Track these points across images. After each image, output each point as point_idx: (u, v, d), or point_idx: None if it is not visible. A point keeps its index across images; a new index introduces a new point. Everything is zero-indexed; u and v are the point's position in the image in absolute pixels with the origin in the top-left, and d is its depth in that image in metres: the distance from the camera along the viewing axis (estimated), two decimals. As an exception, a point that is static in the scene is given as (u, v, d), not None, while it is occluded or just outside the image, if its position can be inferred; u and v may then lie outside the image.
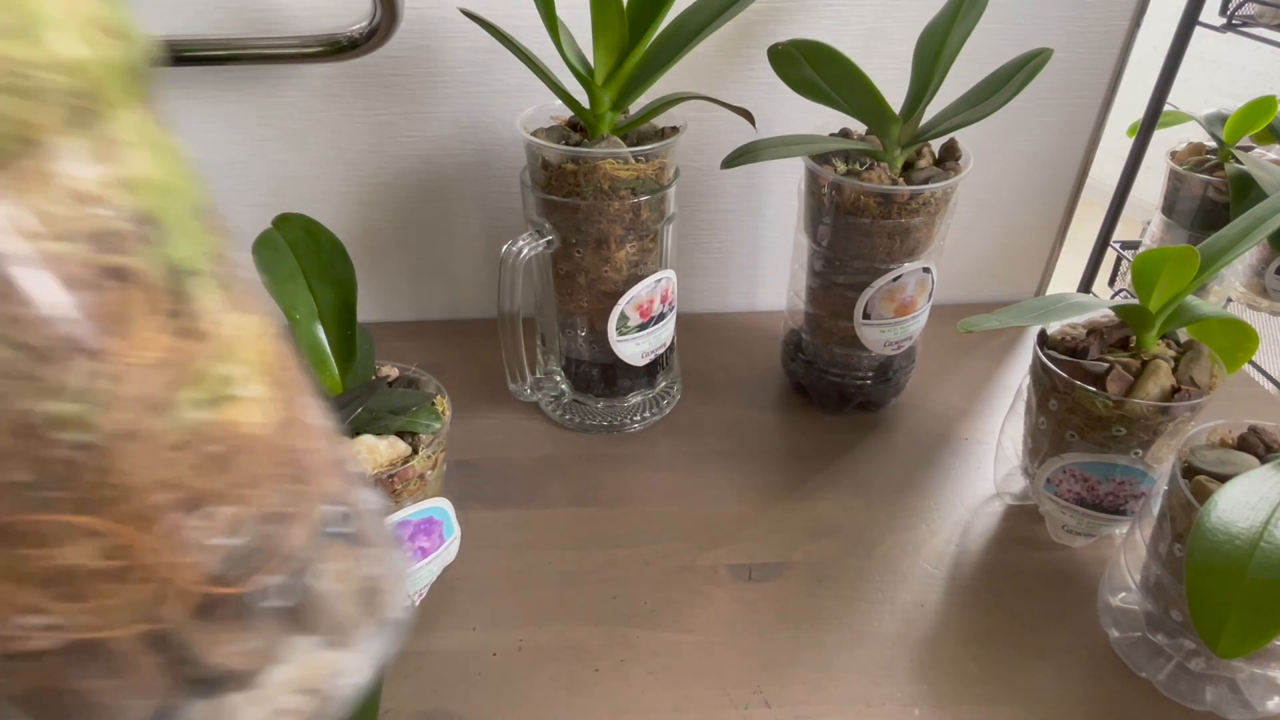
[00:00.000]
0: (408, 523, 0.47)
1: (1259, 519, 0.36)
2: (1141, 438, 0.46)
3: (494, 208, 0.71)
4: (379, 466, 0.44)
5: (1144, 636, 0.45)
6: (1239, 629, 0.34)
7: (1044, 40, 0.53)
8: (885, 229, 0.54)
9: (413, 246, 0.72)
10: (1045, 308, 0.48)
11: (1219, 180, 0.73)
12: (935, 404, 0.66)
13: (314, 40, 0.58)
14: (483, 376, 0.68)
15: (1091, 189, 0.74)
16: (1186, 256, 0.42)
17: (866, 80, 0.52)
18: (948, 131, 0.54)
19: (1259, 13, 0.72)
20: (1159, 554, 0.43)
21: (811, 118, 0.59)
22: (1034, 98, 0.67)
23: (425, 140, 0.67)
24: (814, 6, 0.63)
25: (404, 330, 0.75)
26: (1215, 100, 0.80)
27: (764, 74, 0.56)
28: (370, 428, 0.45)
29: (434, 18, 0.61)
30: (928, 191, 0.53)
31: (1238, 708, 0.42)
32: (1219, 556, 0.35)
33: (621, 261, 0.56)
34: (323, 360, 0.44)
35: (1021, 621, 0.48)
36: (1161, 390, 0.46)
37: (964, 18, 0.51)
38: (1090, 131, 0.71)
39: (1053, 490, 0.51)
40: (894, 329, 0.59)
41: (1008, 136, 0.70)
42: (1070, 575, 0.51)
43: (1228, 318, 0.46)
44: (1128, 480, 0.48)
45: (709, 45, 0.54)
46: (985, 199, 0.73)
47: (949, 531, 0.54)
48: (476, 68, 0.63)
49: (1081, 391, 0.46)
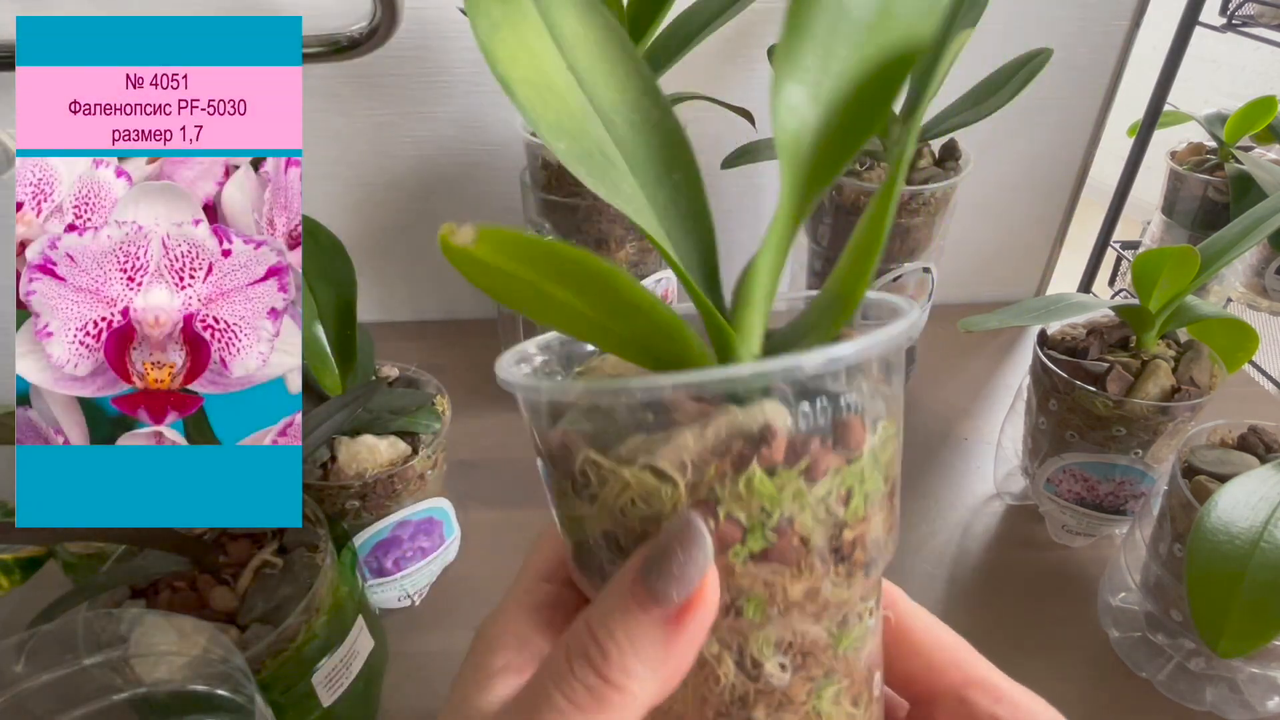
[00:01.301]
0: (408, 523, 0.47)
1: (1259, 519, 0.36)
2: (1141, 438, 0.46)
3: (494, 208, 0.71)
4: (379, 466, 0.44)
5: (1144, 636, 0.45)
6: (1239, 629, 0.34)
7: (1044, 40, 0.53)
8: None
9: (413, 246, 0.72)
10: (1045, 308, 0.48)
11: (1219, 180, 0.73)
12: (935, 404, 0.66)
13: (314, 40, 0.58)
14: (483, 376, 0.68)
15: (1091, 189, 0.74)
16: (1186, 256, 0.42)
17: (866, 80, 0.52)
18: (948, 131, 0.54)
19: (1259, 13, 0.72)
20: (1159, 554, 0.43)
21: (811, 118, 0.59)
22: (1034, 98, 0.67)
23: (425, 140, 0.67)
24: (814, 6, 0.63)
25: (404, 330, 0.75)
26: (1215, 100, 0.80)
27: (764, 74, 0.55)
28: (370, 428, 0.45)
29: (434, 18, 0.61)
30: (928, 192, 0.53)
31: (1238, 708, 0.42)
32: (1219, 556, 0.35)
33: (621, 261, 0.56)
34: (323, 360, 0.44)
35: (1021, 621, 0.48)
36: (1161, 390, 0.46)
37: (964, 18, 0.51)
38: (1090, 131, 0.71)
39: (1053, 490, 0.51)
40: (894, 329, 0.59)
41: (1008, 136, 0.70)
42: (1070, 575, 0.51)
43: (1228, 318, 0.46)
44: (1128, 480, 0.48)
45: (709, 45, 0.54)
46: (985, 199, 0.73)
47: (949, 531, 0.54)
48: (476, 68, 0.63)
49: (1081, 391, 0.46)
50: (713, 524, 0.17)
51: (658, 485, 0.17)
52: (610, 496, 0.18)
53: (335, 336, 0.44)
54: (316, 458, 0.44)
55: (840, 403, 0.17)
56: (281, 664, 0.34)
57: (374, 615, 0.43)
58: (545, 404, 0.19)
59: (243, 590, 0.36)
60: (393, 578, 0.48)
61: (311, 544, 0.38)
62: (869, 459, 0.18)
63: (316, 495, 0.43)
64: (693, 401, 0.17)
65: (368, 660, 0.40)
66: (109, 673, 0.31)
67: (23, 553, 0.35)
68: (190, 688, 0.31)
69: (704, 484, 0.17)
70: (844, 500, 0.18)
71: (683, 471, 0.17)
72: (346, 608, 0.38)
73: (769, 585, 0.17)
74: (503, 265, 0.16)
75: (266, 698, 0.30)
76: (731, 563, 0.17)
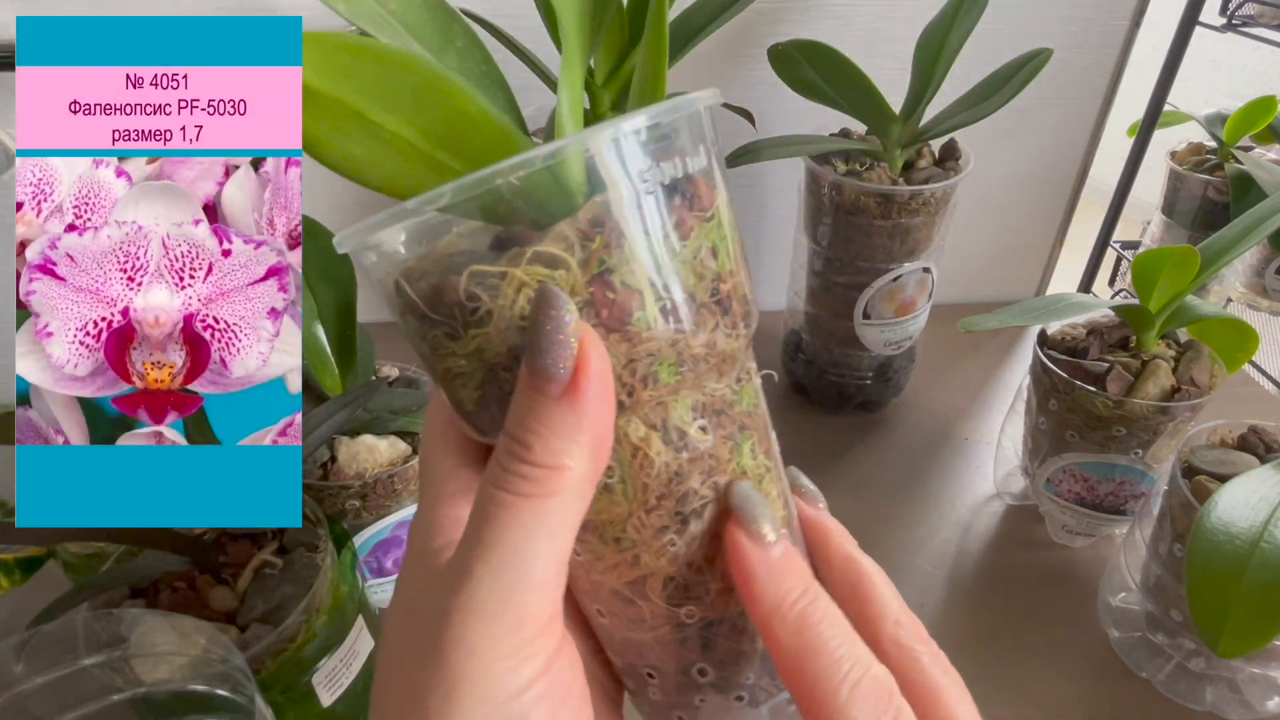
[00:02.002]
0: (407, 523, 0.47)
1: (1259, 519, 0.36)
2: (1141, 438, 0.46)
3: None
4: (379, 466, 0.44)
5: (1144, 636, 0.45)
6: (1239, 629, 0.34)
7: (1044, 40, 0.53)
8: (885, 229, 0.54)
9: (413, 246, 0.72)
10: (1045, 308, 0.48)
11: (1219, 180, 0.73)
12: (935, 404, 0.66)
13: (314, 40, 0.58)
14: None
15: (1091, 189, 0.74)
16: (1186, 256, 0.42)
17: (866, 80, 0.52)
18: (948, 131, 0.54)
19: (1259, 13, 0.72)
20: (1159, 554, 0.43)
21: (811, 118, 0.59)
22: (1034, 98, 0.67)
23: (425, 140, 0.67)
24: (814, 6, 0.63)
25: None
26: (1215, 100, 0.80)
27: (764, 74, 0.55)
28: (370, 428, 0.45)
29: (434, 18, 0.60)
30: (928, 191, 0.53)
31: (1238, 708, 0.42)
32: (1219, 556, 0.35)
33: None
34: (323, 360, 0.44)
35: (1021, 621, 0.48)
36: (1161, 390, 0.46)
37: (964, 18, 0.51)
38: (1090, 131, 0.71)
39: (1053, 490, 0.51)
40: (894, 329, 0.59)
41: (1008, 136, 0.70)
42: (1070, 575, 0.51)
43: (1228, 318, 0.46)
44: (1128, 480, 0.48)
45: (709, 45, 0.54)
46: (985, 199, 0.73)
47: (949, 531, 0.54)
48: (476, 68, 0.63)
49: (1081, 391, 0.46)
50: (612, 295, 0.18)
51: (550, 272, 0.18)
52: (506, 306, 0.18)
53: (335, 336, 0.44)
54: (316, 458, 0.44)
55: (678, 166, 0.19)
56: (281, 664, 0.34)
57: (374, 615, 0.43)
58: (413, 235, 0.19)
59: (243, 590, 0.36)
60: (393, 578, 0.48)
61: (311, 544, 0.38)
62: (724, 216, 0.20)
63: (316, 495, 0.43)
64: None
65: (368, 660, 0.40)
66: (109, 673, 0.31)
67: (23, 553, 0.35)
68: (190, 688, 0.31)
69: (593, 259, 0.18)
70: (713, 255, 0.19)
71: (571, 250, 0.18)
72: (346, 608, 0.38)
73: (674, 344, 0.19)
74: (328, 89, 0.17)
75: (266, 698, 0.30)
76: (637, 329, 0.18)
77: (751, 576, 0.20)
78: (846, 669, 0.19)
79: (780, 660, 0.20)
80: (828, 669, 0.19)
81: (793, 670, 0.19)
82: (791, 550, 0.21)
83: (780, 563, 0.20)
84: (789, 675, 0.20)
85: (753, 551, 0.20)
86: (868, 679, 0.19)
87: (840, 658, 0.19)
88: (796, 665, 0.19)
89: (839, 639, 0.19)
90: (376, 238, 0.19)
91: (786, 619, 0.20)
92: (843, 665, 0.19)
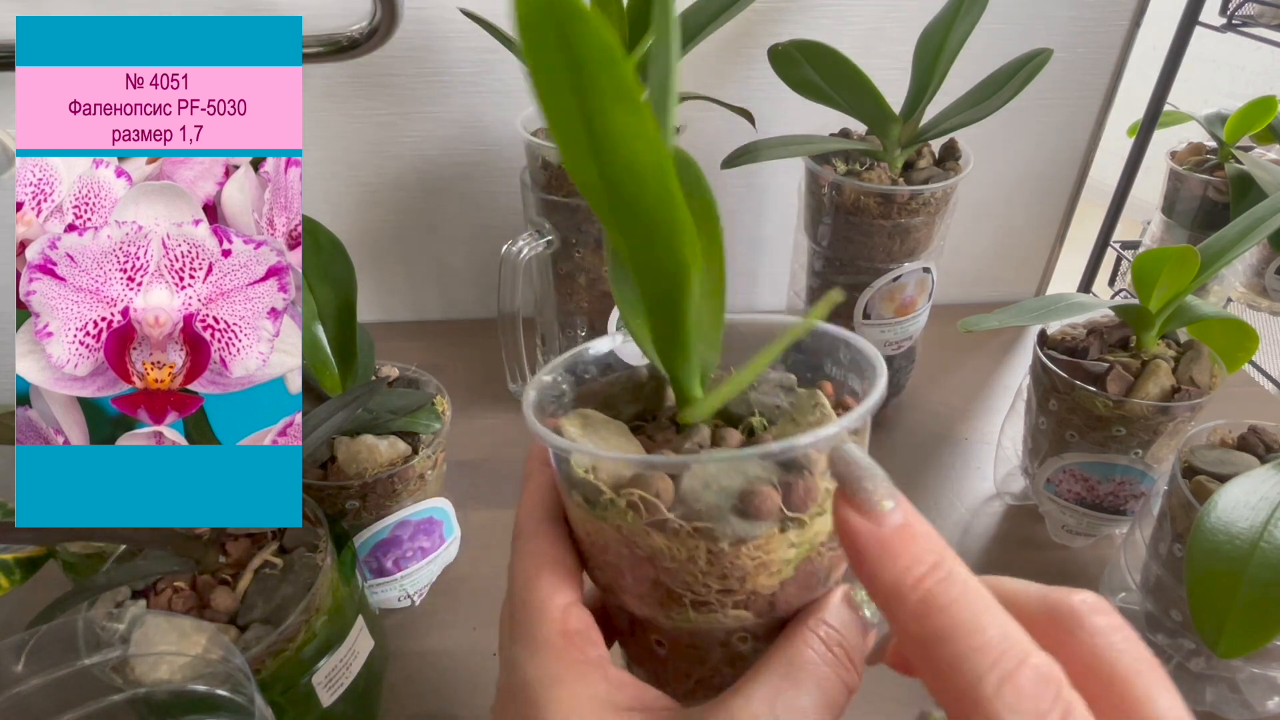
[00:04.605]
0: (407, 523, 0.47)
1: (1259, 519, 0.36)
2: (1141, 438, 0.46)
3: (494, 208, 0.71)
4: (379, 466, 0.44)
5: (1144, 636, 0.45)
6: (1239, 629, 0.34)
7: (1044, 40, 0.53)
8: (885, 229, 0.54)
9: (413, 246, 0.72)
10: (1045, 308, 0.48)
11: (1219, 180, 0.73)
12: (935, 404, 0.66)
13: (314, 40, 0.58)
14: (483, 376, 0.68)
15: (1091, 189, 0.74)
16: (1186, 256, 0.42)
17: (866, 80, 0.52)
18: (948, 131, 0.54)
19: (1259, 13, 0.72)
20: (1159, 554, 0.43)
21: (811, 118, 0.59)
22: (1034, 98, 0.67)
23: (425, 140, 0.67)
24: (814, 6, 0.63)
25: (404, 330, 0.75)
26: (1215, 100, 0.80)
27: (764, 74, 0.55)
28: (370, 428, 0.45)
29: (434, 18, 0.61)
30: (928, 191, 0.53)
31: (1238, 708, 0.42)
32: (1219, 556, 0.35)
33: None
34: (323, 360, 0.44)
35: (1021, 621, 0.48)
36: (1161, 390, 0.46)
37: (964, 18, 0.51)
38: (1090, 131, 0.71)
39: (1053, 490, 0.51)
40: (894, 329, 0.59)
41: (1008, 136, 0.70)
42: (1070, 575, 0.51)
43: (1228, 318, 0.46)
44: (1128, 480, 0.48)
45: (709, 45, 0.54)
46: (985, 199, 0.73)
47: (949, 531, 0.54)
48: (476, 68, 0.63)
49: (1081, 391, 0.46)
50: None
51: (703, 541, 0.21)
52: (675, 552, 0.21)
53: (335, 336, 0.44)
54: (316, 458, 0.44)
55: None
56: (281, 664, 0.34)
57: (374, 615, 0.43)
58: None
59: (243, 591, 0.36)
60: (393, 578, 0.48)
61: (311, 544, 0.38)
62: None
63: (316, 495, 0.43)
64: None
65: (368, 660, 0.40)
66: (109, 673, 0.31)
67: (23, 553, 0.35)
68: (190, 688, 0.31)
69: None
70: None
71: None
72: (346, 608, 0.38)
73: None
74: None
75: (266, 698, 0.30)
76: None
77: (863, 555, 0.17)
78: (994, 657, 0.16)
79: (909, 653, 0.17)
80: (964, 657, 0.16)
81: (922, 663, 0.17)
82: (912, 520, 0.18)
83: (894, 536, 0.17)
84: (920, 670, 0.17)
85: (860, 526, 0.17)
86: (1026, 669, 0.16)
87: (983, 644, 0.16)
88: (924, 656, 0.17)
89: (982, 621, 0.16)
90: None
91: (907, 602, 0.17)
92: (987, 653, 0.16)
